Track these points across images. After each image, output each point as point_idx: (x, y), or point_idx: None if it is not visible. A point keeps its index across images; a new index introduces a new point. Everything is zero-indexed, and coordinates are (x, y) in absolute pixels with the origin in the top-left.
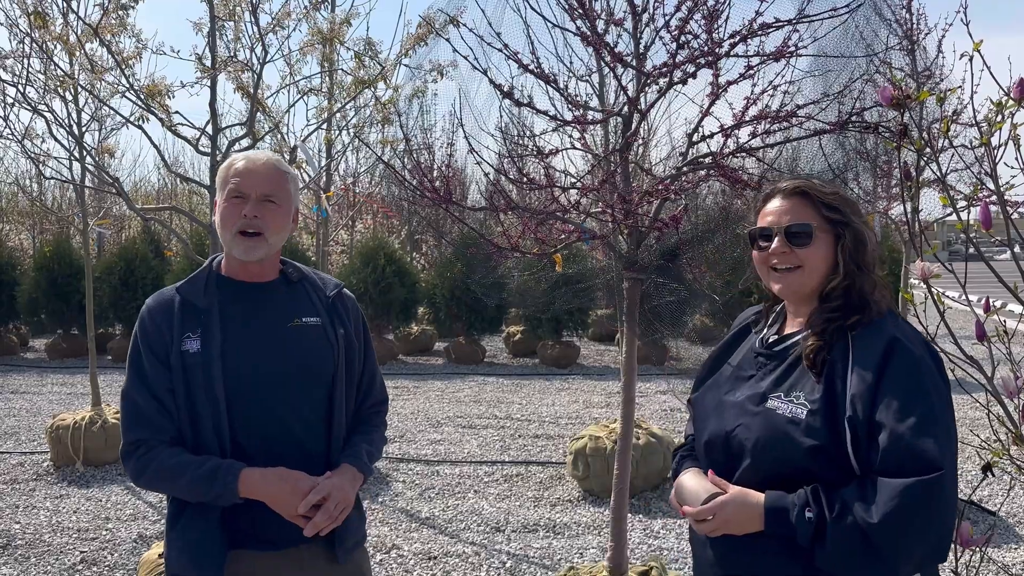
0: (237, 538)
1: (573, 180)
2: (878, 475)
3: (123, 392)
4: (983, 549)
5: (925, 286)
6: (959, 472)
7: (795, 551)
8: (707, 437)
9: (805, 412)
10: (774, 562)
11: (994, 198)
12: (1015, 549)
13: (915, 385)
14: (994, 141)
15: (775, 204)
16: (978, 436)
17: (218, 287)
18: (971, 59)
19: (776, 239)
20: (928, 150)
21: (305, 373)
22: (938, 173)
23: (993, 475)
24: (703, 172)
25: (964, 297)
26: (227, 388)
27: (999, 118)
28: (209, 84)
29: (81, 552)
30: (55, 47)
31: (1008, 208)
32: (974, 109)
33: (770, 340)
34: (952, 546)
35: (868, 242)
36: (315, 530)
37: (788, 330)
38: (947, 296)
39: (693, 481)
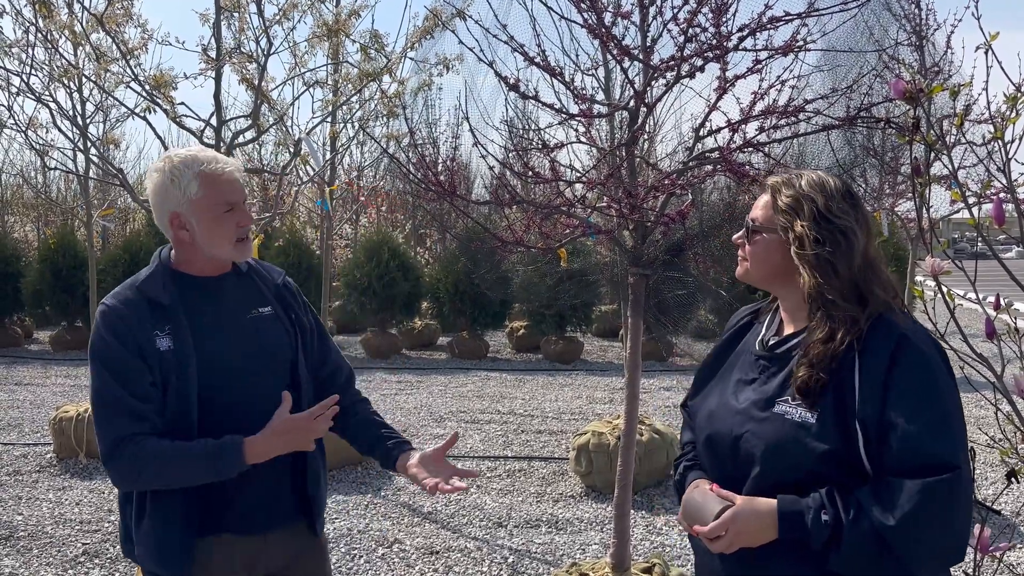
0: (216, 523)
1: (579, 174)
2: (893, 476)
3: (96, 393)
4: (1002, 554)
5: (934, 282)
6: None
7: (806, 555)
8: (711, 445)
9: (815, 416)
10: (785, 566)
11: (1005, 194)
12: (1021, 548)
13: (926, 383)
14: (1007, 136)
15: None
16: (985, 434)
17: (174, 283)
18: (987, 51)
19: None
20: (939, 143)
21: (270, 361)
22: (950, 168)
23: (1019, 481)
24: (709, 167)
25: (974, 295)
26: (200, 382)
27: (1012, 112)
28: (214, 76)
29: (83, 544)
30: (60, 36)
31: (1021, 204)
32: (988, 101)
33: (771, 342)
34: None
35: (836, 245)
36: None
37: (788, 331)
38: (956, 293)
39: (700, 497)
